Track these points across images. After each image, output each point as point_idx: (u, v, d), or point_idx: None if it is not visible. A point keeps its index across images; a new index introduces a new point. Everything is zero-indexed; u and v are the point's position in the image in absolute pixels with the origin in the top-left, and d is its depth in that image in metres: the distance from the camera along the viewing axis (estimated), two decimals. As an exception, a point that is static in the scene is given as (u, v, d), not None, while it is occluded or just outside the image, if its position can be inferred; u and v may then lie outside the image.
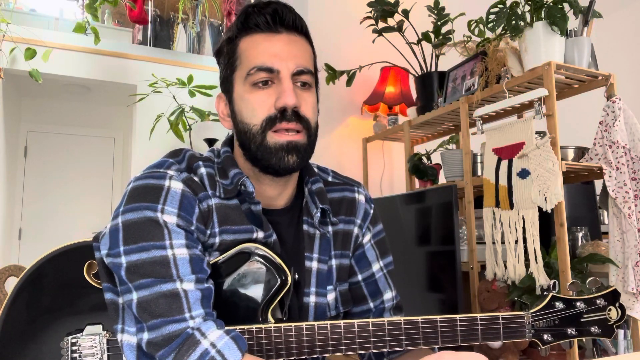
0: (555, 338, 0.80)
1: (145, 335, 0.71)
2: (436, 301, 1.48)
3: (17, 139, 4.65)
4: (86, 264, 0.84)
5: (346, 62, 2.44)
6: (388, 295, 0.95)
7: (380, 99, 2.43)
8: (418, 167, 2.04)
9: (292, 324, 0.76)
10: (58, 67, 3.69)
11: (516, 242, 1.46)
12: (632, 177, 1.44)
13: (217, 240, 0.80)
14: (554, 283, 0.84)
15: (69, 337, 0.79)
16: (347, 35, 2.61)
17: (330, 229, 0.91)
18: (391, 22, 2.14)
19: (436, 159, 2.10)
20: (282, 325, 0.76)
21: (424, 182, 2.07)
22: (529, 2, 1.51)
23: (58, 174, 4.76)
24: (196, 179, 0.81)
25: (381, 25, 2.15)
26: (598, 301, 0.81)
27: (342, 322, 0.77)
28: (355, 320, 0.78)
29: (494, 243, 1.56)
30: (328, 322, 0.77)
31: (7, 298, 0.81)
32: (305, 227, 0.89)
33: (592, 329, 0.81)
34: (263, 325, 0.76)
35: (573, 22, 1.51)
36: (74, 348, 0.79)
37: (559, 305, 0.81)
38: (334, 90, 2.52)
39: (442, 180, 2.01)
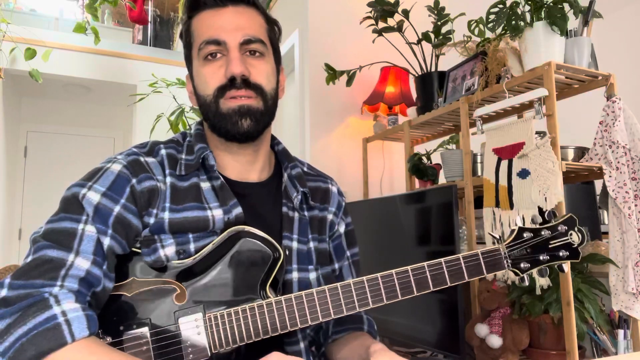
0: (532, 265, 0.87)
1: (4, 292, 0.67)
2: (436, 301, 1.48)
3: (17, 139, 4.65)
4: None
5: (346, 62, 2.44)
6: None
7: (380, 99, 2.43)
8: (418, 167, 2.04)
9: (295, 294, 0.78)
10: (58, 67, 3.69)
11: (516, 242, 1.46)
12: (632, 177, 1.44)
13: (165, 217, 0.79)
14: (521, 218, 0.91)
15: None
16: (347, 35, 2.61)
17: (307, 214, 0.94)
18: (391, 22, 2.14)
19: (436, 159, 2.10)
20: (282, 298, 0.78)
21: (424, 182, 2.07)
22: (529, 2, 1.50)
23: (58, 174, 4.76)
24: (150, 159, 0.82)
25: (381, 25, 2.15)
26: (559, 227, 0.88)
27: (338, 284, 0.79)
28: (350, 281, 0.79)
29: (494, 243, 1.56)
30: (325, 287, 0.78)
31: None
32: (284, 209, 0.91)
33: (561, 253, 0.87)
34: (264, 301, 0.77)
35: (573, 22, 1.51)
36: None
37: (527, 235, 0.88)
38: (334, 90, 2.52)
39: (442, 180, 2.01)
